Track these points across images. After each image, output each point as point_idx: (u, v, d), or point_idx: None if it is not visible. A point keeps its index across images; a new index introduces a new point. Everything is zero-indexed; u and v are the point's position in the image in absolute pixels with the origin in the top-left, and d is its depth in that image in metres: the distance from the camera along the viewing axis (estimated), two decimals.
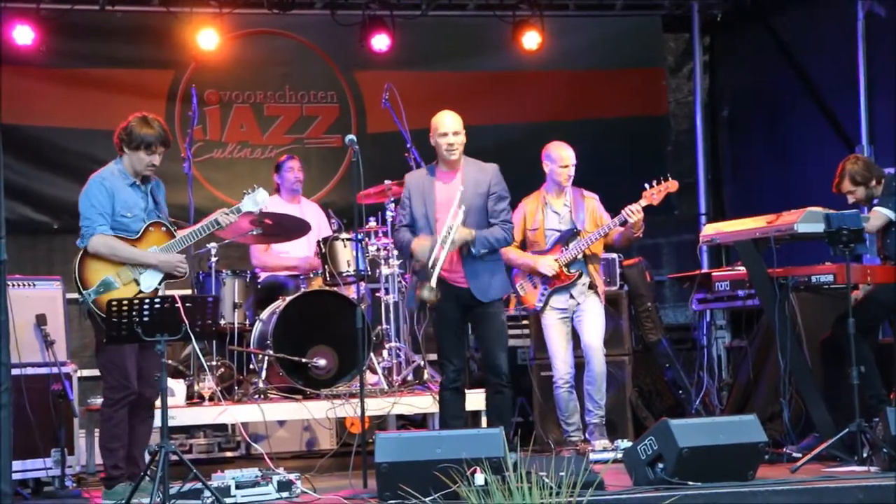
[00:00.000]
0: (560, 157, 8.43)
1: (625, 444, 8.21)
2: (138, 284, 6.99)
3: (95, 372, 8.52)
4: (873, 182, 7.96)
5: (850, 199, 8.01)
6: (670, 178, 8.46)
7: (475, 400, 8.15)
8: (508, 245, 7.83)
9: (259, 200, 7.40)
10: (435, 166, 7.70)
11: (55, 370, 7.90)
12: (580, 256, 8.41)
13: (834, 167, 8.10)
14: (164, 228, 7.12)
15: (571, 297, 8.42)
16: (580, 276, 8.38)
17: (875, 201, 7.96)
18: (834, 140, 10.63)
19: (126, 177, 7.05)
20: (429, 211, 7.52)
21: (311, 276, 9.02)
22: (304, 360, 8.44)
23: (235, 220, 7.39)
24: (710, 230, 8.16)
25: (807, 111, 11.09)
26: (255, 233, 8.48)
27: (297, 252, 9.33)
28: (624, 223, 8.32)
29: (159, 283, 7.04)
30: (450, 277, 7.50)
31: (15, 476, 7.22)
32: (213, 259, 8.66)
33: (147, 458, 6.95)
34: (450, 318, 7.55)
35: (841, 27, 10.55)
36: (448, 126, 7.62)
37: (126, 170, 7.06)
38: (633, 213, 8.23)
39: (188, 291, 8.36)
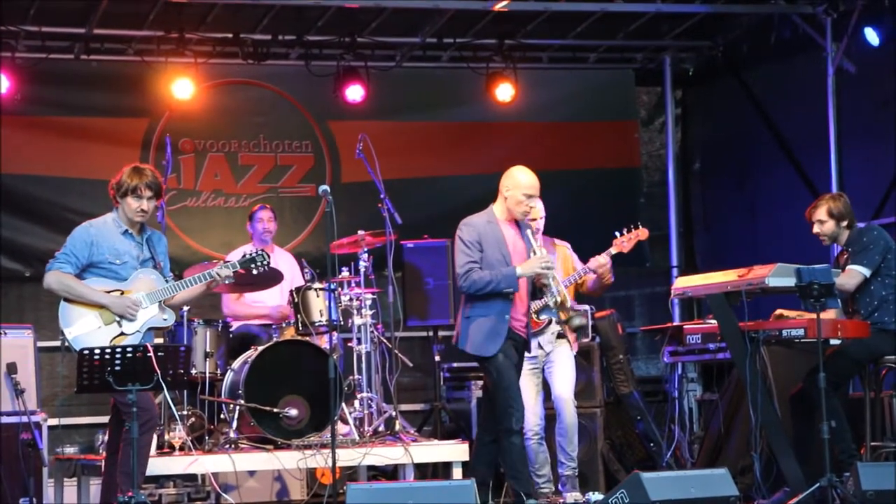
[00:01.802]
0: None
1: (596, 496, 8.24)
2: (120, 326, 7.04)
3: (65, 420, 8.48)
4: (845, 223, 7.93)
5: (816, 229, 7.96)
6: (641, 227, 8.51)
7: (449, 451, 8.13)
8: None
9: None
10: (493, 214, 7.74)
11: (25, 419, 7.85)
12: (552, 304, 8.41)
13: (804, 220, 8.12)
14: (153, 276, 7.18)
15: (540, 346, 8.42)
16: (549, 323, 8.39)
17: (838, 248, 7.99)
18: (804, 193, 10.68)
19: (119, 225, 7.19)
20: (506, 258, 7.61)
21: (284, 325, 9.02)
22: (275, 409, 8.40)
23: (231, 276, 7.44)
24: (681, 283, 8.18)
25: (778, 165, 11.18)
26: (227, 281, 8.45)
27: (269, 301, 9.33)
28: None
29: (140, 328, 7.07)
30: (516, 326, 7.62)
31: None
32: (185, 308, 8.63)
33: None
34: (515, 364, 7.63)
35: (812, 82, 10.65)
36: (535, 189, 7.76)
37: (120, 219, 7.20)
38: (600, 264, 8.31)
39: (160, 340, 8.33)
